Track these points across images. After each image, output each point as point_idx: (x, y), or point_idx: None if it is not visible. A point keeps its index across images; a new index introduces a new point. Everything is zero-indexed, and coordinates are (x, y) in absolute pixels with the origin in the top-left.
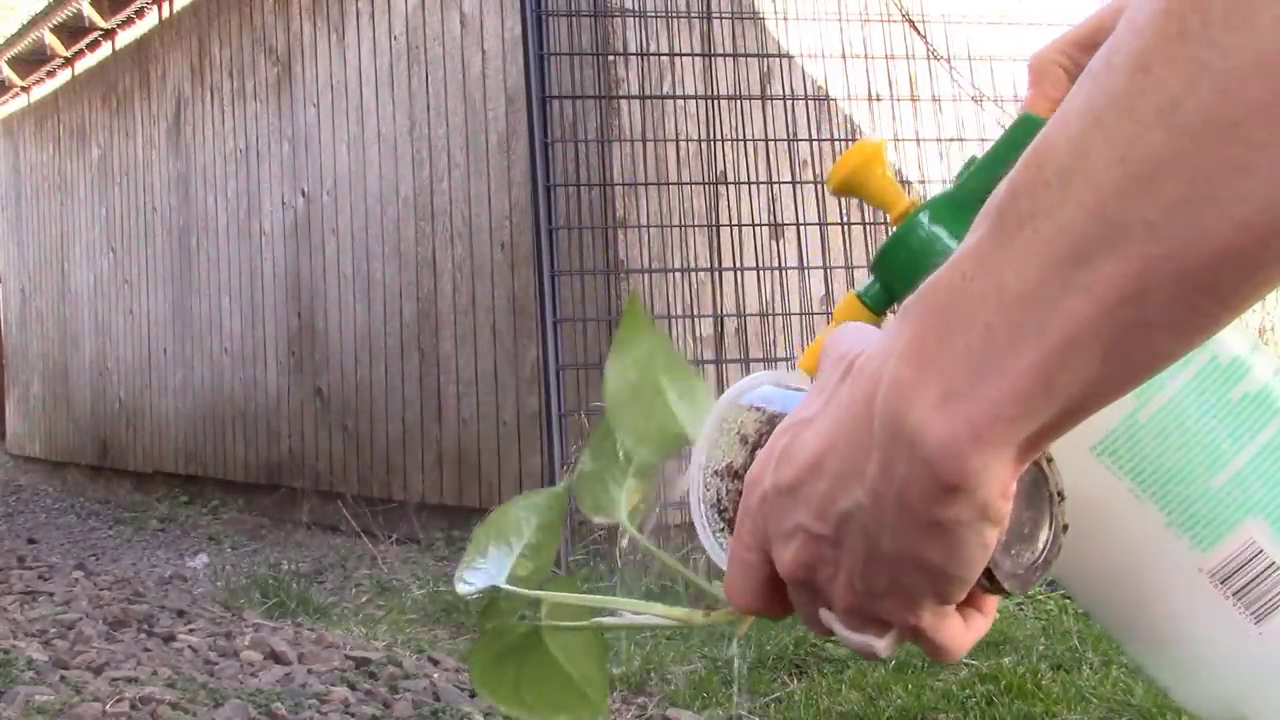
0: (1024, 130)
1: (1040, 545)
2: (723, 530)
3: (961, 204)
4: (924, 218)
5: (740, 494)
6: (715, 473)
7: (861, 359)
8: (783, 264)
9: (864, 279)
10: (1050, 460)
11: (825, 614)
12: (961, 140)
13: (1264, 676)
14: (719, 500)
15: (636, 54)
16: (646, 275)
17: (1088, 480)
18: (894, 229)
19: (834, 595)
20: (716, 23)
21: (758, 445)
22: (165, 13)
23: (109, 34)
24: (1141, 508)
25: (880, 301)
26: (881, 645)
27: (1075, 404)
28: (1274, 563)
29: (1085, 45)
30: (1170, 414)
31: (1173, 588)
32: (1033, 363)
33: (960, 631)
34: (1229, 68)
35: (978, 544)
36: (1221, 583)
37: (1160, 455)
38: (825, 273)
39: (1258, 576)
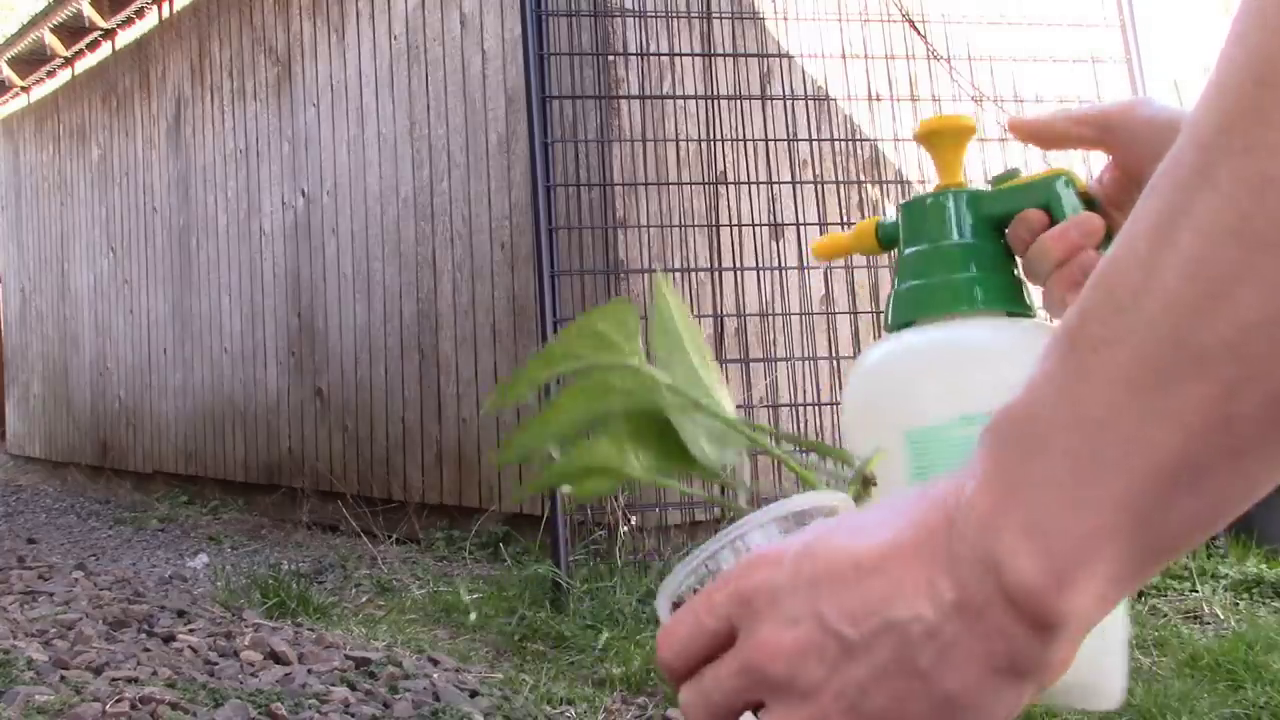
0: (1047, 183)
1: None
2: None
3: (986, 205)
4: (957, 194)
5: None
6: (709, 570)
7: (919, 495)
8: (783, 264)
9: (863, 280)
10: None
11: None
12: None
13: None
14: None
15: (636, 54)
16: (646, 275)
17: None
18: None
19: (796, 704)
20: (716, 23)
21: None
22: (165, 13)
23: (109, 34)
24: None
25: (889, 239)
26: None
27: (1167, 541)
28: None
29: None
30: None
31: None
32: (1118, 495)
33: None
34: None
35: (1013, 698)
36: None
37: None
38: (825, 273)
39: None
